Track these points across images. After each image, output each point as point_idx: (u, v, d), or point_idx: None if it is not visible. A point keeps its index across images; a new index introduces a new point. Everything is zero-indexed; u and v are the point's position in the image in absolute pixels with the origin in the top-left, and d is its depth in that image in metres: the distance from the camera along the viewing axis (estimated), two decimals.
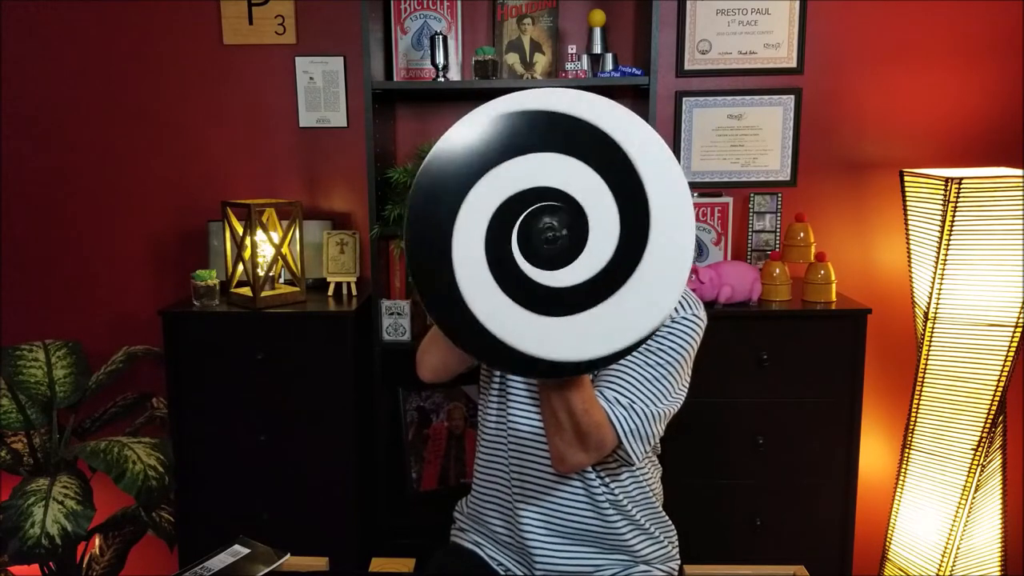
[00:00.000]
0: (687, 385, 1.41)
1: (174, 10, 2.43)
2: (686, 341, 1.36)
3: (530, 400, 1.44)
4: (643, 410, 1.32)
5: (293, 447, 2.23)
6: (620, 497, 1.44)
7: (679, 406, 1.39)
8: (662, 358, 1.35)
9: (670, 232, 1.00)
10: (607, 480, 1.43)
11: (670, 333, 1.36)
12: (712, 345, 1.42)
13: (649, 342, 1.35)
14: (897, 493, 2.29)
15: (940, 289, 2.09)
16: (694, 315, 1.38)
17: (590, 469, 1.41)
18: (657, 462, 1.56)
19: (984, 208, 2.01)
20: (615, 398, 1.31)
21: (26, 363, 2.26)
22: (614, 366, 1.34)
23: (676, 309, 1.38)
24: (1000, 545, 2.25)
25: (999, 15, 2.37)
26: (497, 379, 1.50)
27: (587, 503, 1.43)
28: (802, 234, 2.28)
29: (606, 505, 1.43)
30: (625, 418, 1.30)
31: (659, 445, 1.50)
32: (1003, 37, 2.39)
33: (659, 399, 1.34)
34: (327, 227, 2.44)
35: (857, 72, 2.42)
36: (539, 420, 1.41)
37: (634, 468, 1.44)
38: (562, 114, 0.99)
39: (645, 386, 1.33)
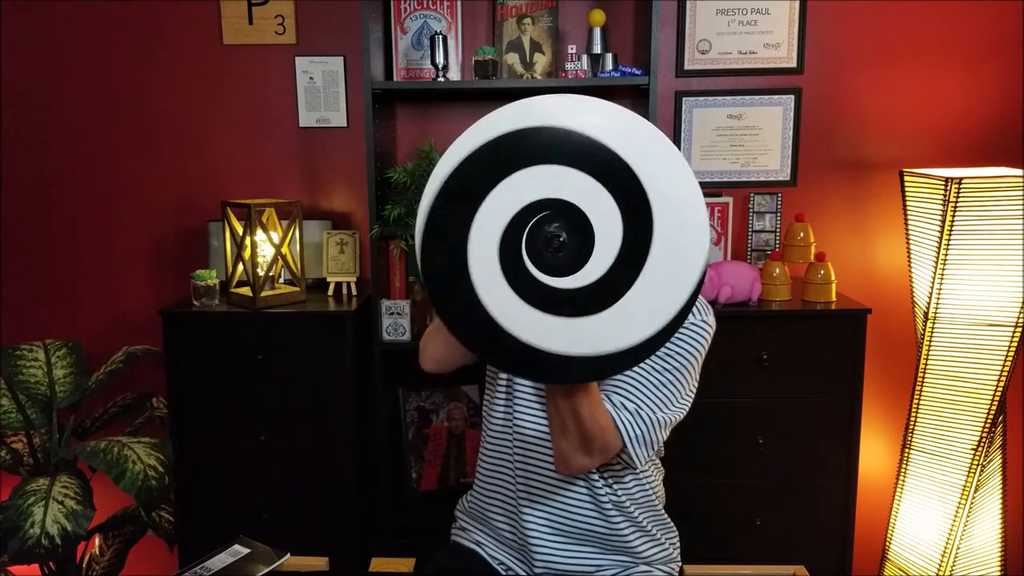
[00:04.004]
0: (694, 391, 1.40)
1: (174, 10, 2.43)
2: (694, 347, 1.36)
3: (537, 402, 1.43)
4: (649, 416, 1.31)
5: (293, 447, 2.23)
6: (623, 499, 1.44)
7: (685, 413, 1.39)
8: (670, 364, 1.34)
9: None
10: (611, 482, 1.43)
11: (679, 339, 1.35)
12: (712, 345, 1.42)
13: None
14: (897, 493, 2.29)
15: (940, 289, 2.09)
16: (703, 321, 1.37)
17: (595, 472, 1.41)
18: (660, 464, 1.56)
19: (984, 208, 2.01)
20: (621, 403, 1.31)
21: (26, 363, 2.26)
22: None
23: None
24: (1000, 545, 2.25)
25: (999, 15, 2.37)
26: (503, 380, 1.49)
27: (591, 505, 1.44)
28: (802, 234, 2.28)
29: (609, 507, 1.43)
30: (631, 423, 1.30)
31: (662, 448, 1.51)
32: (1003, 37, 2.39)
33: (665, 405, 1.34)
34: (327, 227, 2.44)
35: (857, 72, 2.42)
36: (546, 422, 1.41)
37: (637, 471, 1.44)
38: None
39: (652, 392, 1.33)
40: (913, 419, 2.22)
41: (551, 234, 1.01)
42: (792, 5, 2.38)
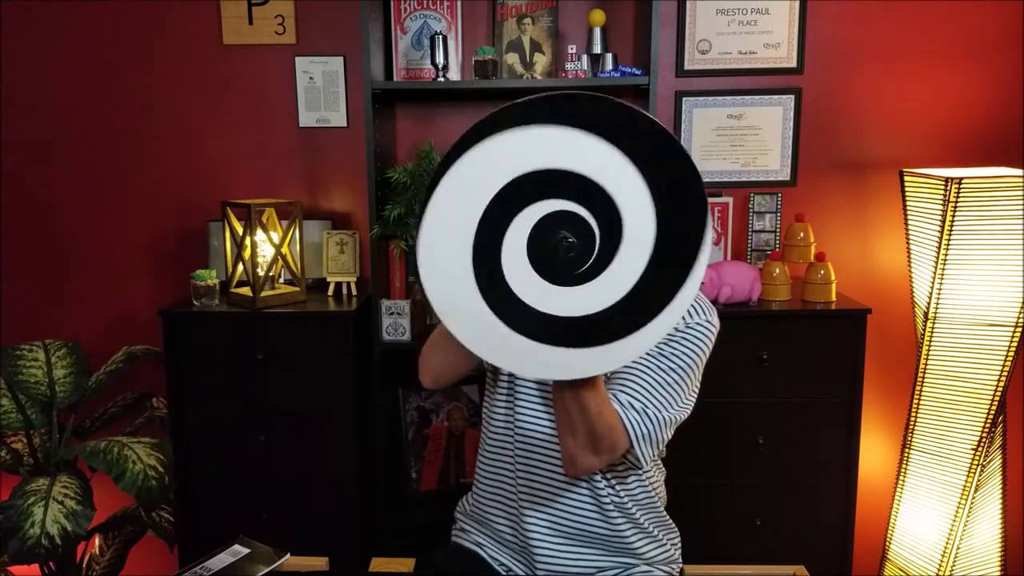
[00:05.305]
0: (696, 391, 1.41)
1: (174, 10, 2.43)
2: (698, 347, 1.37)
3: (540, 404, 1.43)
4: (655, 415, 1.32)
5: (293, 447, 2.23)
6: (625, 500, 1.44)
7: (688, 413, 1.39)
8: (675, 363, 1.35)
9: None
10: (614, 483, 1.43)
11: (683, 339, 1.36)
12: (713, 345, 1.42)
13: (662, 347, 1.35)
14: (897, 493, 2.29)
15: (940, 289, 2.09)
16: (707, 321, 1.38)
17: (597, 472, 1.41)
18: (661, 465, 1.56)
19: (984, 208, 2.01)
20: (628, 402, 1.31)
21: (26, 363, 2.26)
22: (627, 370, 1.35)
23: (690, 314, 1.38)
24: (1000, 545, 2.25)
25: (999, 15, 2.37)
26: (504, 383, 1.49)
27: (593, 506, 1.43)
28: (802, 234, 2.28)
29: (611, 508, 1.43)
30: (638, 422, 1.30)
31: (664, 449, 1.51)
32: (1003, 37, 2.39)
33: (671, 404, 1.34)
34: (327, 227, 2.44)
35: (857, 72, 2.42)
36: (549, 424, 1.41)
37: (640, 472, 1.44)
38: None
39: (658, 391, 1.33)
40: (913, 419, 2.22)
41: (561, 238, 1.06)
42: (792, 5, 2.38)
